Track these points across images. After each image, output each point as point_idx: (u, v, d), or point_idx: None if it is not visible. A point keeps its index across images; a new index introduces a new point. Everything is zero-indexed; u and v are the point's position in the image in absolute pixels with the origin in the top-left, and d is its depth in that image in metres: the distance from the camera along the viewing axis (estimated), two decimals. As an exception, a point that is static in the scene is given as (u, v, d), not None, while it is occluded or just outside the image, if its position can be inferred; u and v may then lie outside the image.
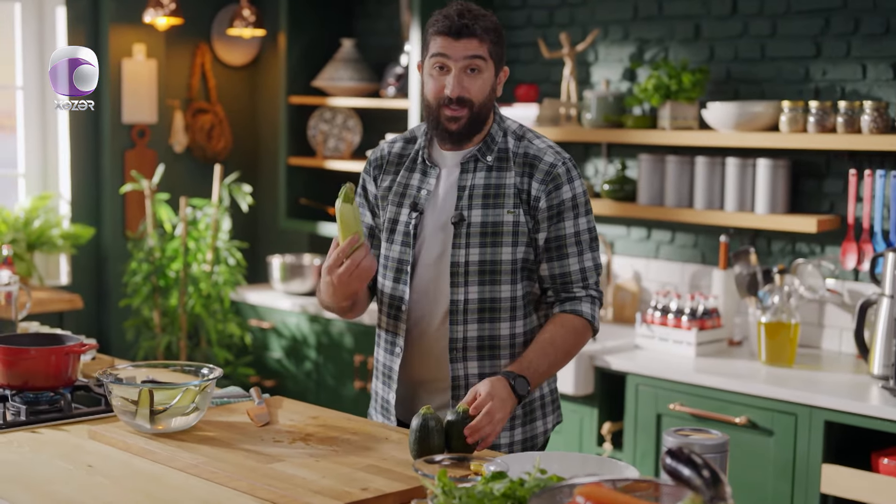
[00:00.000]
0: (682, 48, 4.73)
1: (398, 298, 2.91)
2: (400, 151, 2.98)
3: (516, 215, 2.83)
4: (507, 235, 2.84)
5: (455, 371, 2.87)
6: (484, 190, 2.85)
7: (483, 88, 2.82)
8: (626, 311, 4.92)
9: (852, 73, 4.29)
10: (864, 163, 4.23)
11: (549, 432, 3.00)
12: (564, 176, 2.85)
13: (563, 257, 2.86)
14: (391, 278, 2.92)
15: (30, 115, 5.72)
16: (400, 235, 2.91)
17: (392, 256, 2.92)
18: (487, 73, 2.82)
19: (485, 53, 2.79)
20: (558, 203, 2.84)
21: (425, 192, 2.89)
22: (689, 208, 4.56)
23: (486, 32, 2.79)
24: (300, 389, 5.41)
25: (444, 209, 2.87)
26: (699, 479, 1.72)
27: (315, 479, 2.33)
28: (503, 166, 2.86)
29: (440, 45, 2.79)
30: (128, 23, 5.73)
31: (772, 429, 3.86)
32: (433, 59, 2.81)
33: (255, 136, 6.36)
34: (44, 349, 2.91)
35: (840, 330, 4.37)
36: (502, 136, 2.90)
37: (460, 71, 2.79)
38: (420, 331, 2.90)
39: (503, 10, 5.29)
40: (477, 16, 2.79)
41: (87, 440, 2.67)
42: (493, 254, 2.83)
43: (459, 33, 2.76)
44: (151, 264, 5.47)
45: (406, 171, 2.94)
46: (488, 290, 2.84)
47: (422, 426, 2.48)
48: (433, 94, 2.83)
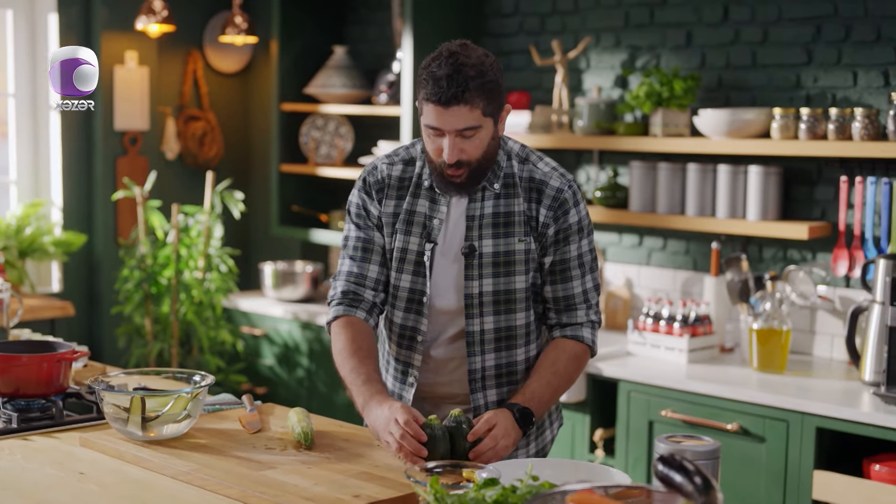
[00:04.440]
0: (673, 55, 4.74)
1: (411, 329, 2.86)
2: (400, 174, 2.87)
3: (527, 243, 2.81)
4: (519, 264, 2.81)
5: (476, 401, 2.85)
6: (493, 219, 2.81)
7: (480, 146, 2.72)
8: (617, 318, 4.92)
9: (843, 81, 4.30)
10: (855, 169, 4.24)
11: (555, 437, 3.04)
12: (571, 200, 2.82)
13: (566, 280, 2.85)
14: (402, 308, 2.86)
15: (21, 123, 5.72)
16: (411, 265, 2.84)
17: (403, 286, 2.85)
18: (484, 132, 2.71)
19: (477, 118, 2.67)
20: (565, 228, 2.82)
21: (437, 220, 2.82)
22: (681, 215, 4.57)
23: (478, 95, 2.65)
24: (292, 396, 5.41)
25: (453, 239, 2.82)
26: (691, 485, 1.72)
27: (307, 486, 2.33)
28: (510, 192, 2.82)
29: (432, 117, 2.68)
30: (120, 30, 5.72)
31: (763, 435, 3.86)
32: (426, 127, 2.72)
33: (247, 143, 6.35)
34: (35, 356, 2.90)
35: (831, 336, 4.37)
36: (507, 160, 2.84)
37: (454, 136, 2.68)
38: (434, 355, 2.87)
39: (495, 18, 5.30)
40: (467, 77, 2.64)
41: (79, 447, 2.67)
42: (507, 283, 2.81)
43: (448, 103, 2.64)
44: (143, 271, 5.46)
45: (411, 196, 2.85)
46: (504, 318, 2.83)
47: (428, 436, 2.49)
48: (432, 154, 2.75)
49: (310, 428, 2.67)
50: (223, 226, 5.76)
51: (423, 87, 2.68)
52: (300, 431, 2.66)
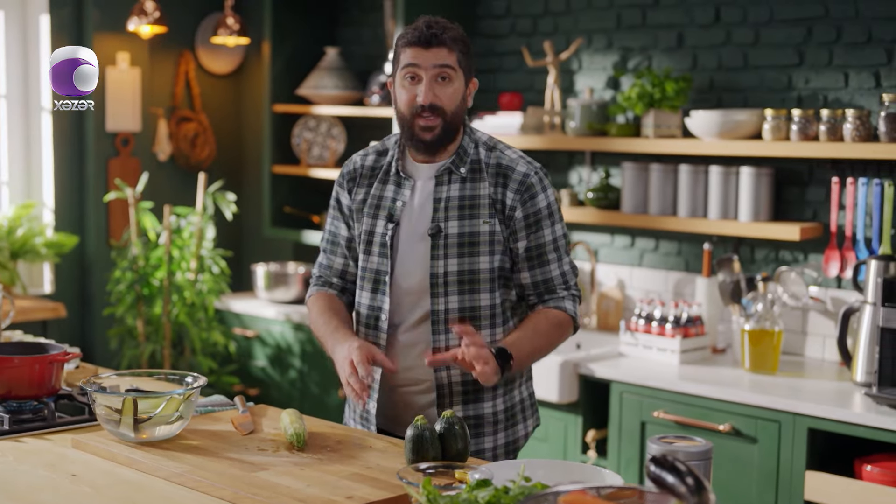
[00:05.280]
0: (665, 57, 4.75)
1: (377, 308, 2.96)
2: (373, 164, 3.03)
3: (492, 225, 2.90)
4: (483, 245, 2.90)
5: (440, 380, 2.92)
6: (459, 201, 2.91)
7: (454, 97, 2.88)
8: (610, 319, 4.92)
9: (834, 82, 4.31)
10: (846, 171, 4.25)
11: (529, 435, 3.09)
12: (538, 185, 2.93)
13: (544, 264, 2.95)
14: (369, 289, 2.98)
15: (13, 124, 5.71)
16: (377, 247, 2.96)
17: (370, 268, 2.98)
18: (458, 83, 2.89)
19: (454, 63, 2.87)
20: (535, 212, 2.92)
21: (400, 203, 2.94)
22: (673, 216, 4.57)
23: (455, 42, 2.87)
24: (284, 398, 5.40)
25: (420, 221, 2.93)
26: (683, 486, 1.72)
27: (300, 488, 2.33)
28: (476, 177, 2.93)
29: (410, 56, 2.86)
30: (112, 31, 5.72)
31: (755, 436, 3.87)
32: (404, 70, 2.88)
33: (239, 144, 6.35)
34: (27, 358, 2.90)
35: (823, 337, 4.38)
36: (474, 148, 2.96)
37: (431, 79, 2.85)
38: (401, 340, 2.95)
39: (487, 19, 5.30)
40: (445, 27, 2.87)
41: (71, 449, 2.67)
42: (472, 263, 2.90)
43: (429, 43, 2.84)
44: (135, 273, 5.46)
45: (380, 183, 2.99)
46: (468, 298, 2.90)
47: (417, 437, 2.48)
48: (406, 105, 2.89)
49: (302, 429, 2.67)
50: (215, 227, 5.76)
51: (403, 37, 2.89)
52: (293, 433, 2.66)
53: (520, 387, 3.05)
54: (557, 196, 4.88)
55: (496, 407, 2.97)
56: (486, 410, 2.96)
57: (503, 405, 2.99)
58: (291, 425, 2.68)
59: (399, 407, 2.99)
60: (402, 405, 2.98)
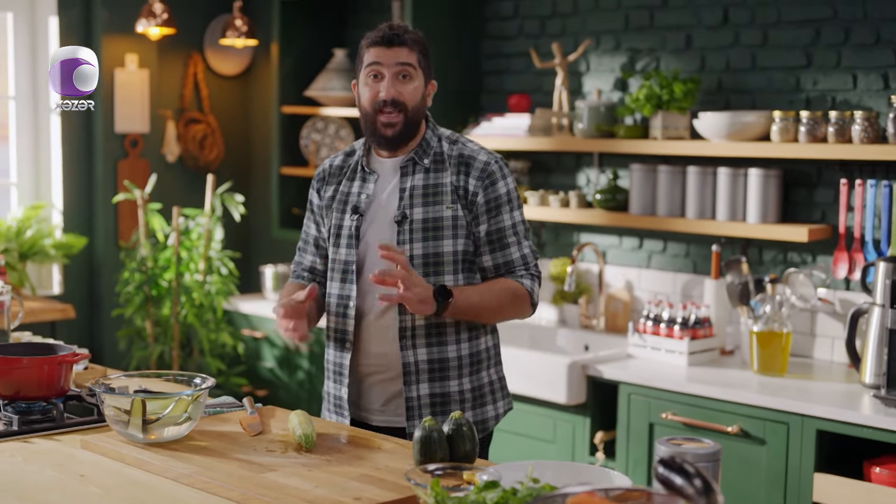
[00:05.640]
0: (673, 58, 4.74)
1: (346, 297, 3.11)
2: (340, 164, 3.22)
3: (454, 210, 3.06)
4: (447, 229, 3.06)
5: (406, 358, 3.06)
6: (423, 190, 3.08)
7: (415, 94, 3.06)
8: (618, 321, 4.92)
9: (843, 83, 4.30)
10: (854, 172, 4.24)
11: (500, 417, 3.21)
12: (498, 173, 3.10)
13: (505, 247, 3.10)
14: (338, 279, 3.14)
15: (22, 125, 5.72)
16: (344, 239, 3.13)
17: (339, 259, 3.14)
18: (418, 81, 3.07)
19: (414, 62, 3.06)
20: (495, 197, 3.08)
21: (365, 196, 3.11)
22: (681, 218, 4.57)
23: (415, 43, 3.06)
24: (293, 399, 5.41)
25: (387, 211, 3.09)
26: (691, 488, 1.72)
27: (308, 489, 2.33)
28: (439, 167, 3.10)
29: (374, 55, 3.05)
30: (120, 33, 5.73)
31: (764, 438, 3.86)
32: (368, 69, 3.06)
33: (247, 145, 6.36)
34: (36, 359, 2.90)
35: (832, 339, 4.37)
36: (437, 142, 3.14)
37: (393, 76, 3.04)
38: (368, 325, 3.11)
39: (495, 21, 5.30)
40: (406, 30, 3.07)
41: (80, 450, 2.67)
42: (436, 247, 3.06)
43: (391, 42, 3.03)
44: (144, 274, 5.46)
45: (347, 180, 3.18)
46: (433, 280, 3.05)
47: (425, 438, 2.48)
48: (369, 101, 3.07)
49: (311, 430, 2.67)
50: (224, 228, 5.77)
51: (366, 39, 3.08)
52: (301, 434, 2.66)
53: (488, 369, 3.17)
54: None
55: (462, 386, 3.11)
56: (451, 388, 3.09)
57: (470, 384, 3.12)
58: (300, 426, 2.68)
59: (369, 395, 3.13)
60: (372, 393, 3.12)
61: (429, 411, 3.07)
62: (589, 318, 5.00)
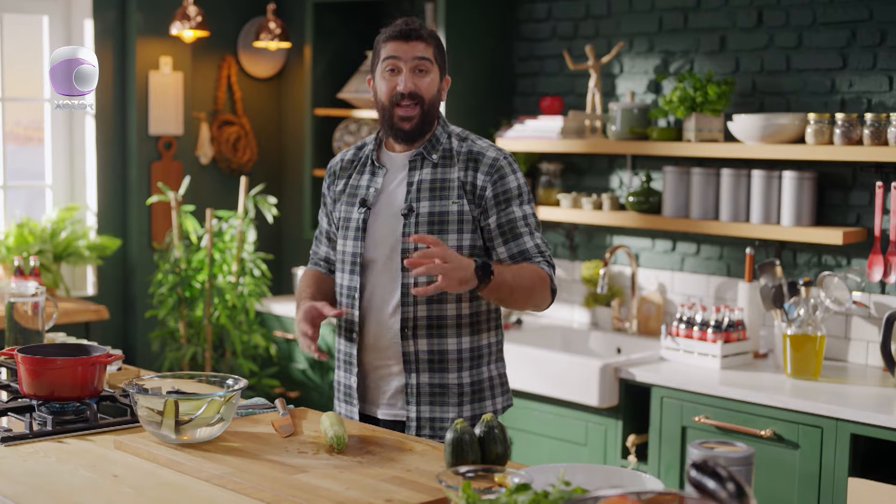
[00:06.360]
0: (707, 60, 4.72)
1: (353, 288, 3.17)
2: (351, 158, 3.29)
3: (460, 205, 3.10)
4: (452, 223, 3.10)
5: (406, 347, 3.10)
6: (430, 184, 3.12)
7: (431, 87, 3.12)
8: (650, 323, 4.90)
9: (878, 85, 4.27)
10: (890, 175, 4.21)
11: (499, 413, 3.23)
12: (507, 168, 3.13)
13: (518, 237, 3.12)
14: (347, 271, 3.19)
15: (57, 127, 5.76)
16: (352, 231, 3.18)
17: (346, 251, 3.20)
18: (434, 75, 3.13)
19: (431, 56, 3.11)
20: (504, 191, 3.11)
21: (373, 189, 3.17)
22: (715, 220, 4.55)
23: (431, 38, 3.12)
24: (325, 401, 5.42)
25: (394, 204, 3.14)
26: (724, 491, 1.71)
27: (339, 491, 2.34)
28: (448, 163, 3.14)
29: (391, 49, 3.10)
30: (155, 35, 5.76)
31: (797, 442, 3.84)
32: (385, 63, 3.11)
33: (280, 147, 6.38)
34: (70, 359, 2.92)
35: (866, 343, 4.34)
36: (447, 138, 3.18)
37: (410, 70, 3.09)
38: (374, 316, 3.15)
39: (528, 23, 5.29)
40: (421, 25, 3.13)
41: (113, 450, 2.69)
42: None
43: (408, 36, 3.08)
44: (177, 275, 5.49)
45: (357, 174, 3.24)
46: None
47: (457, 440, 2.48)
48: (386, 95, 3.12)
49: (342, 432, 2.68)
50: (256, 230, 5.79)
51: (383, 34, 3.13)
52: (333, 436, 2.66)
53: (488, 364, 3.20)
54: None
55: (462, 379, 3.13)
56: (450, 381, 3.12)
57: (469, 378, 3.14)
58: (331, 428, 2.69)
59: (375, 388, 3.18)
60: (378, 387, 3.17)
61: (427, 400, 3.11)
62: (621, 321, 4.99)
